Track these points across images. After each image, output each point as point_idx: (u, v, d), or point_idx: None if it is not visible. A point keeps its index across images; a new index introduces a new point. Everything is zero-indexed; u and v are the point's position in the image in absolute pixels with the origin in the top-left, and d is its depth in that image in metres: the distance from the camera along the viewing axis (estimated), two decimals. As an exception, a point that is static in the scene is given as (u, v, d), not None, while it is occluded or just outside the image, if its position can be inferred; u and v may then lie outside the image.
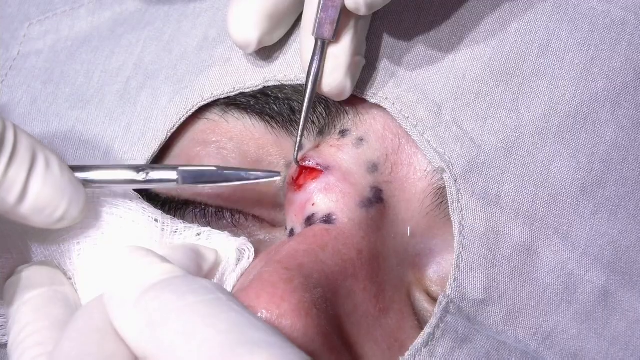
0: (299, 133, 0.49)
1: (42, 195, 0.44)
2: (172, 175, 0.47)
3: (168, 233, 0.48)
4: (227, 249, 0.48)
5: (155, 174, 0.48)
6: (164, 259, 0.42)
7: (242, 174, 0.48)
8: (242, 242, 0.49)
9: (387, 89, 0.49)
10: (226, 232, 0.49)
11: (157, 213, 0.49)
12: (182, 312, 0.38)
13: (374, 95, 0.49)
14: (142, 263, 0.41)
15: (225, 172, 0.48)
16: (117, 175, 0.47)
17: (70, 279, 0.48)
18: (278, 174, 0.49)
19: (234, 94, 0.51)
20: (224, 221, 0.51)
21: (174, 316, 0.38)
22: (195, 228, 0.49)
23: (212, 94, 0.51)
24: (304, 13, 0.49)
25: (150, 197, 0.52)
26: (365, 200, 0.48)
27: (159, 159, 0.52)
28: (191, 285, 0.39)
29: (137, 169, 0.47)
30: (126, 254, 0.42)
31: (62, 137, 0.53)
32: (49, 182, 0.45)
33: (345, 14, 0.47)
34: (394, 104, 0.49)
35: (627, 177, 0.50)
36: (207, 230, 0.49)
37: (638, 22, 0.51)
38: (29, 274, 0.47)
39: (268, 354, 0.35)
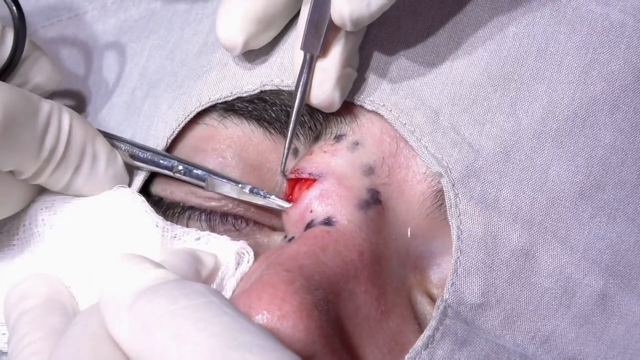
0: (286, 145, 0.49)
1: (84, 189, 0.50)
2: (201, 181, 0.51)
3: (168, 238, 0.49)
4: (226, 253, 0.49)
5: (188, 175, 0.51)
6: (158, 265, 0.42)
7: (260, 193, 0.51)
8: (241, 245, 0.49)
9: (384, 95, 0.50)
10: (225, 236, 0.49)
11: (158, 218, 0.49)
12: (174, 316, 0.38)
13: (371, 102, 0.49)
14: (136, 269, 0.41)
15: (244, 188, 0.50)
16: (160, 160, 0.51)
17: (69, 287, 0.49)
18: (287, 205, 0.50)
19: (231, 98, 0.51)
20: (227, 225, 0.52)
21: (166, 320, 0.38)
22: (193, 232, 0.49)
23: (209, 98, 0.51)
24: (297, 24, 0.50)
25: (153, 201, 0.52)
26: (362, 202, 0.48)
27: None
28: (183, 289, 0.39)
29: (174, 162, 0.51)
30: (120, 261, 0.42)
31: None
32: (92, 181, 0.49)
33: (333, 28, 0.48)
34: (391, 110, 0.49)
35: (625, 180, 0.50)
36: (205, 234, 0.49)
37: (636, 25, 0.51)
38: (28, 284, 0.48)
39: (260, 357, 0.35)
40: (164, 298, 0.39)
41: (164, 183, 0.53)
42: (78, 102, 0.56)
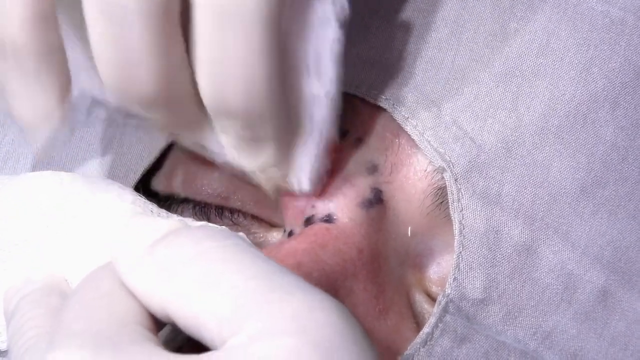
0: None
1: None
2: None
3: None
4: None
5: None
6: (170, 215, 0.41)
7: None
8: (240, 236, 0.48)
9: (386, 89, 0.50)
10: (224, 227, 0.48)
11: (153, 206, 0.48)
12: (203, 257, 0.36)
13: (373, 95, 0.49)
14: (149, 220, 0.40)
15: None
16: None
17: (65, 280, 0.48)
18: None
19: None
20: (224, 220, 0.51)
21: (196, 262, 0.36)
22: (190, 221, 0.48)
23: None
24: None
25: (149, 194, 0.52)
26: (365, 201, 0.48)
27: (158, 159, 0.52)
28: (206, 231, 0.38)
29: None
30: (126, 216, 0.41)
31: (63, 140, 0.53)
32: None
33: None
34: (393, 104, 0.49)
35: (626, 177, 0.50)
36: (203, 224, 0.48)
37: (637, 23, 0.51)
38: (27, 274, 0.47)
39: (301, 298, 0.35)
40: (188, 239, 0.37)
41: (162, 176, 0.52)
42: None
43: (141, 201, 0.48)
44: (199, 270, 0.36)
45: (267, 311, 0.34)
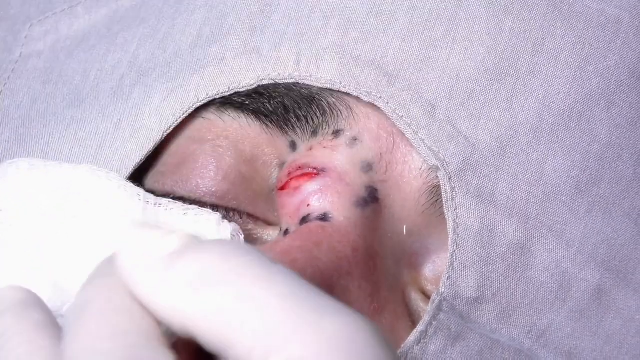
0: None
1: None
2: None
3: (151, 205, 0.47)
4: (220, 232, 0.47)
5: None
6: (170, 201, 0.41)
7: None
8: (234, 227, 0.47)
9: (381, 88, 0.49)
10: (218, 214, 0.47)
11: (139, 189, 0.47)
12: (232, 274, 0.34)
13: (368, 94, 0.49)
14: (155, 232, 0.37)
15: None
16: None
17: (56, 282, 0.47)
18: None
19: (229, 93, 0.51)
20: None
21: (222, 278, 0.34)
22: (181, 205, 0.47)
23: (207, 94, 0.51)
24: None
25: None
26: (360, 200, 0.48)
27: (152, 156, 0.52)
28: (226, 246, 0.36)
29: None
30: (135, 228, 0.38)
31: (58, 136, 0.53)
32: None
33: None
34: (387, 103, 0.49)
35: (621, 175, 0.50)
36: (194, 207, 0.47)
37: (632, 21, 0.51)
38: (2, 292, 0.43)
39: (338, 320, 0.33)
40: (210, 254, 0.35)
41: (157, 174, 0.52)
42: (67, 93, 0.56)
43: (149, 195, 0.48)
44: (230, 289, 0.34)
45: (305, 333, 0.33)
